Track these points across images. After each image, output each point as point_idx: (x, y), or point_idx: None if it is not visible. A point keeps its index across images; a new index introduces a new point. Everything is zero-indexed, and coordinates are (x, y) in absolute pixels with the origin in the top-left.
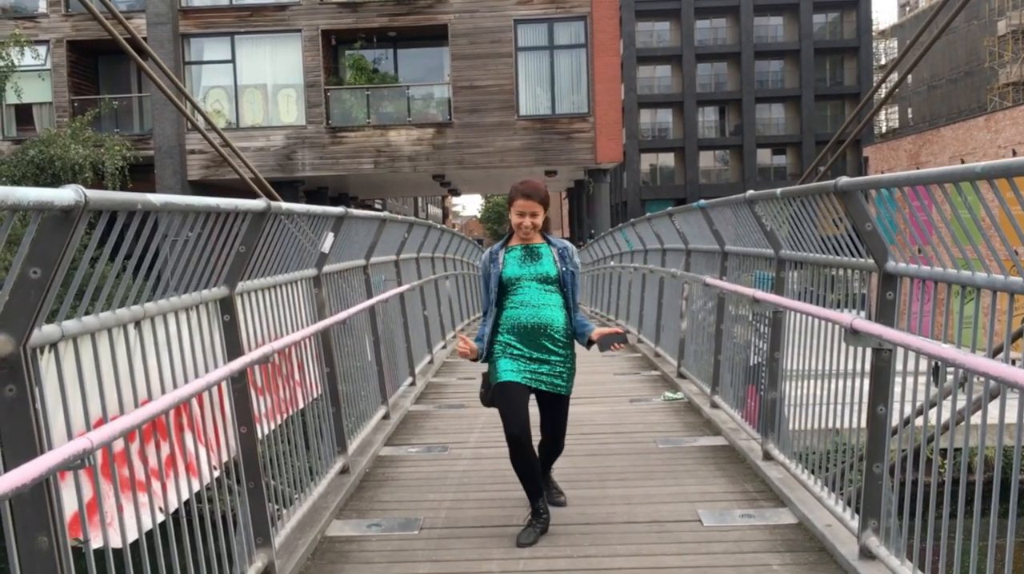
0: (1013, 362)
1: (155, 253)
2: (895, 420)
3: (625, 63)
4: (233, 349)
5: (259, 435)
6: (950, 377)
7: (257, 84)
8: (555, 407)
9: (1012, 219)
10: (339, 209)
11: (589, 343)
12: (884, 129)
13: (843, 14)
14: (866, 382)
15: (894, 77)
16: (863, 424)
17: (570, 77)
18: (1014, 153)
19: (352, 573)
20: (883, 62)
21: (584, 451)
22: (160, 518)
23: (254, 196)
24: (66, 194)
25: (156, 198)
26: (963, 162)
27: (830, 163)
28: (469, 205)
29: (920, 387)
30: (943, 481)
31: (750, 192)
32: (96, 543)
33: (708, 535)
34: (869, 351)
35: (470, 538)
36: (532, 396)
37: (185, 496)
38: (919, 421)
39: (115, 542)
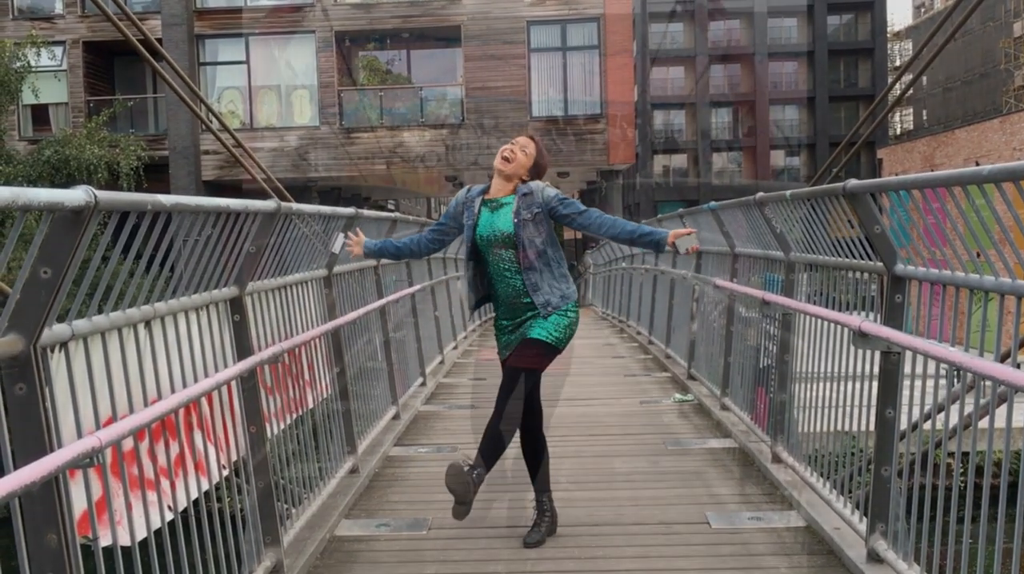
0: None
1: (166, 253)
2: (904, 423)
3: (638, 64)
4: (243, 349)
5: (268, 434)
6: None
7: (271, 85)
8: (521, 346)
9: (1019, 222)
10: (349, 210)
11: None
12: (899, 131)
13: (858, 16)
14: (875, 385)
15: (908, 78)
16: (872, 427)
17: (583, 78)
18: None
19: (360, 573)
20: (898, 64)
21: (593, 452)
22: (169, 517)
23: (267, 197)
24: (76, 195)
25: (166, 199)
26: (977, 164)
27: (842, 164)
28: None
29: (929, 391)
30: (951, 484)
31: (760, 194)
32: (105, 541)
33: (716, 537)
34: (878, 354)
35: (478, 539)
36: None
37: (194, 495)
38: (927, 424)
39: (124, 540)
